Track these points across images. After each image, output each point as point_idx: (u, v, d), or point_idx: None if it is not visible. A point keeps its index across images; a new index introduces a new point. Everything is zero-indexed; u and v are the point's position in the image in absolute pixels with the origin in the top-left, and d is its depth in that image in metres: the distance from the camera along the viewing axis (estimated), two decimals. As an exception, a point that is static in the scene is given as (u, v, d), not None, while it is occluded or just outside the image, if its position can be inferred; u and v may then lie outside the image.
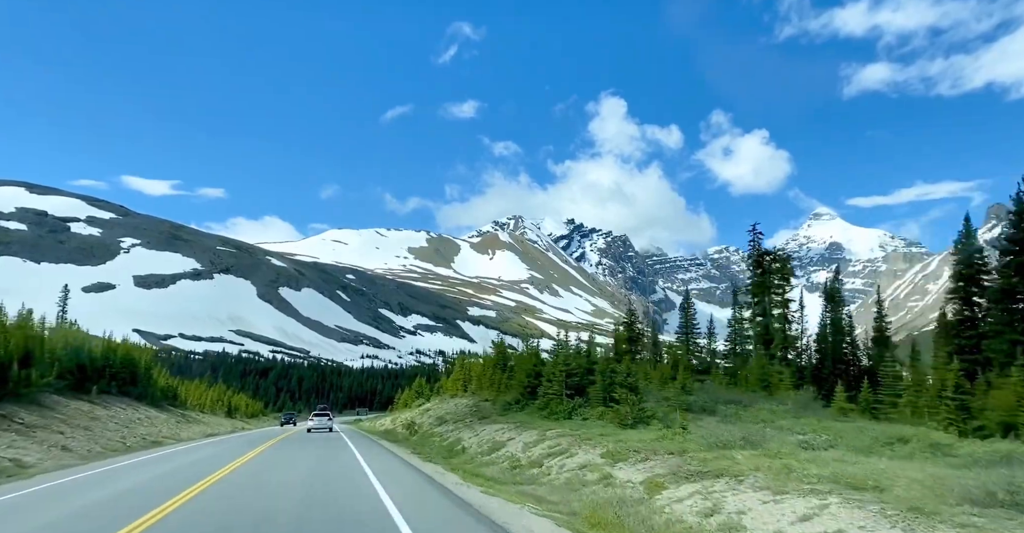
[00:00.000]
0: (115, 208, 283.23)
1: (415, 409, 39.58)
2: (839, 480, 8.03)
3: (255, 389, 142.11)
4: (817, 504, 7.15)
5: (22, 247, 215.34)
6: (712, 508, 8.10)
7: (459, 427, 23.02)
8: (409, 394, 55.08)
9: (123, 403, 32.18)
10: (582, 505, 9.54)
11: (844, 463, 9.37)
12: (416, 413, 33.98)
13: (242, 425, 49.13)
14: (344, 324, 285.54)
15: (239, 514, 9.07)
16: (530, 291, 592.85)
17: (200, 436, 32.40)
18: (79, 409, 24.85)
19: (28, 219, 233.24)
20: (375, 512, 9.17)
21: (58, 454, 17.88)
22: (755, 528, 7.26)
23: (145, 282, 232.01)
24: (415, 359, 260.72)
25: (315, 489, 11.72)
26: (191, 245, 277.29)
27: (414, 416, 32.15)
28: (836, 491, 7.62)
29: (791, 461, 9.54)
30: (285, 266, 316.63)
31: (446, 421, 25.33)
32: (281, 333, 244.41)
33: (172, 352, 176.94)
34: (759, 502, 7.80)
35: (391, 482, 12.66)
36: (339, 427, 47.58)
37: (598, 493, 10.31)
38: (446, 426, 24.47)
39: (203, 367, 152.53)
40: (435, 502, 10.53)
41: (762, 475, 8.82)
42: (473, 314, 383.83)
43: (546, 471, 12.83)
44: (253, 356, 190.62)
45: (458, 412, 26.41)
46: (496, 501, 10.31)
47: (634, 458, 11.56)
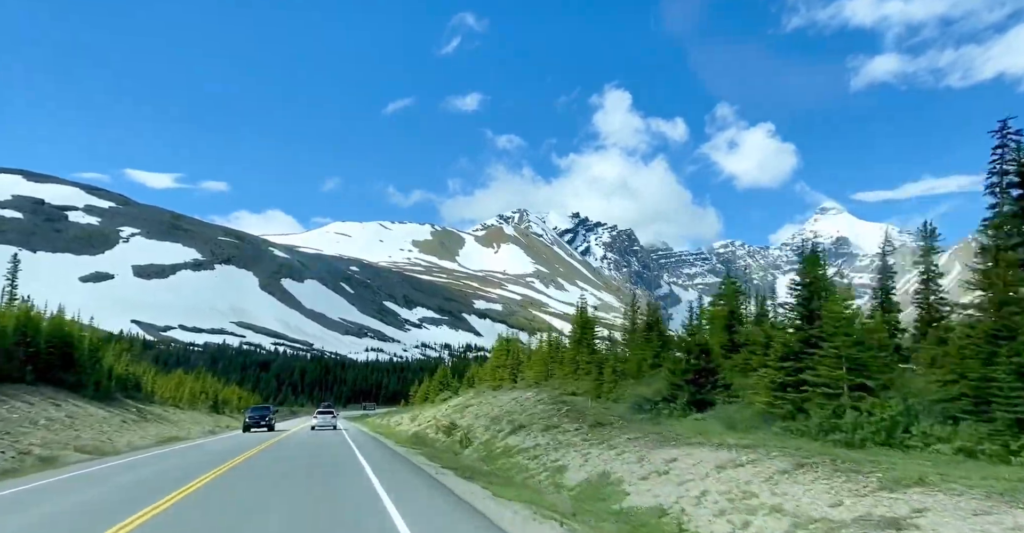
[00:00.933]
0: (115, 197, 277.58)
1: (441, 404, 32.45)
2: None
3: (255, 382, 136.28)
4: None
5: (18, 235, 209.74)
6: None
7: (556, 440, 14.31)
8: (430, 386, 48.07)
9: (42, 394, 25.29)
10: None
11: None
12: (450, 410, 26.60)
13: (228, 423, 42.28)
14: (348, 317, 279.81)
15: None
16: (535, 285, 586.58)
17: (150, 443, 23.63)
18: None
19: (25, 207, 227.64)
20: None
21: None
22: None
23: (144, 272, 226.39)
24: (420, 352, 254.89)
25: None
26: (192, 235, 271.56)
27: (450, 414, 25.28)
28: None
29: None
30: (288, 257, 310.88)
31: (522, 426, 16.52)
32: (283, 325, 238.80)
33: (171, 344, 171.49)
34: None
35: None
36: (344, 425, 41.37)
37: None
38: (527, 437, 15.60)
39: (202, 359, 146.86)
40: None
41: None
42: (479, 307, 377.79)
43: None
44: (255, 348, 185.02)
45: (532, 411, 17.85)
46: None
47: None
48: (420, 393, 55.60)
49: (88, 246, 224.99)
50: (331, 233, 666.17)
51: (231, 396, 59.69)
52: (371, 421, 56.07)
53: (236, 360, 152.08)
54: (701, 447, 9.94)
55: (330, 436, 27.02)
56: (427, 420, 26.78)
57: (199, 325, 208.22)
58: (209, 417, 43.41)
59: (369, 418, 64.53)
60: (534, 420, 16.26)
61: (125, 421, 27.41)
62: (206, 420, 38.78)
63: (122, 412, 29.33)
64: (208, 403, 46.83)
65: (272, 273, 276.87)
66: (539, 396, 20.07)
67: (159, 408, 34.86)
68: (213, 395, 48.00)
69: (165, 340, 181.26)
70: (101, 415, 26.58)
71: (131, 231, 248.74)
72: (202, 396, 46.03)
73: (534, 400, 19.26)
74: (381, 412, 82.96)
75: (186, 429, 31.60)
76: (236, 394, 64.86)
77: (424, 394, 51.94)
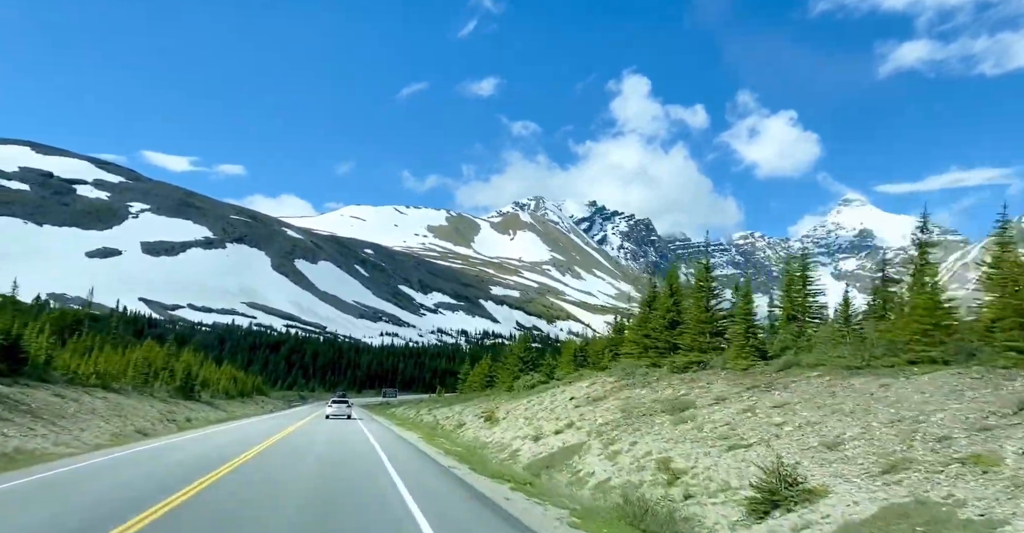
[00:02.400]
0: (125, 172, 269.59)
1: (534, 396, 19.31)
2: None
3: (264, 364, 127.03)
4: None
5: (23, 208, 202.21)
6: None
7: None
8: (498, 369, 35.79)
9: None
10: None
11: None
12: (601, 415, 14.03)
13: (186, 417, 28.69)
14: (362, 300, 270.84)
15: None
16: (552, 273, 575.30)
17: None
18: None
19: (32, 179, 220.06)
20: None
21: None
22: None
23: (153, 249, 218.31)
24: (436, 338, 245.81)
25: None
26: (203, 213, 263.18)
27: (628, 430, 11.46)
28: None
29: None
30: (301, 238, 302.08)
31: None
32: (296, 307, 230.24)
33: (178, 323, 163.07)
34: None
35: None
36: (368, 426, 29.57)
37: None
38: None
39: (209, 339, 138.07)
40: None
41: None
42: (496, 293, 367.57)
43: None
44: (265, 330, 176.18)
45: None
46: None
47: None
48: (476, 376, 42.77)
49: (96, 221, 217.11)
50: (345, 216, 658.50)
51: (219, 376, 48.13)
52: (397, 414, 45.06)
53: (245, 341, 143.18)
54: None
55: (352, 460, 15.58)
56: (559, 429, 14.28)
57: (208, 305, 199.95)
58: (163, 405, 29.63)
59: (392, 410, 53.36)
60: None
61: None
62: (151, 415, 25.15)
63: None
64: (175, 384, 34.45)
65: (285, 253, 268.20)
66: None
67: (73, 392, 22.84)
68: (191, 374, 35.88)
69: (173, 319, 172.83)
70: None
71: (141, 207, 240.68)
72: (165, 375, 34.35)
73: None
74: (408, 400, 71.42)
75: (94, 433, 18.13)
76: (229, 374, 53.33)
77: (483, 378, 39.56)
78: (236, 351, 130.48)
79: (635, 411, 13.12)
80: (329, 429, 38.12)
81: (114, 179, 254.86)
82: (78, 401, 21.01)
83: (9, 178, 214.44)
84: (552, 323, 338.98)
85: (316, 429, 24.18)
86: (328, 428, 24.94)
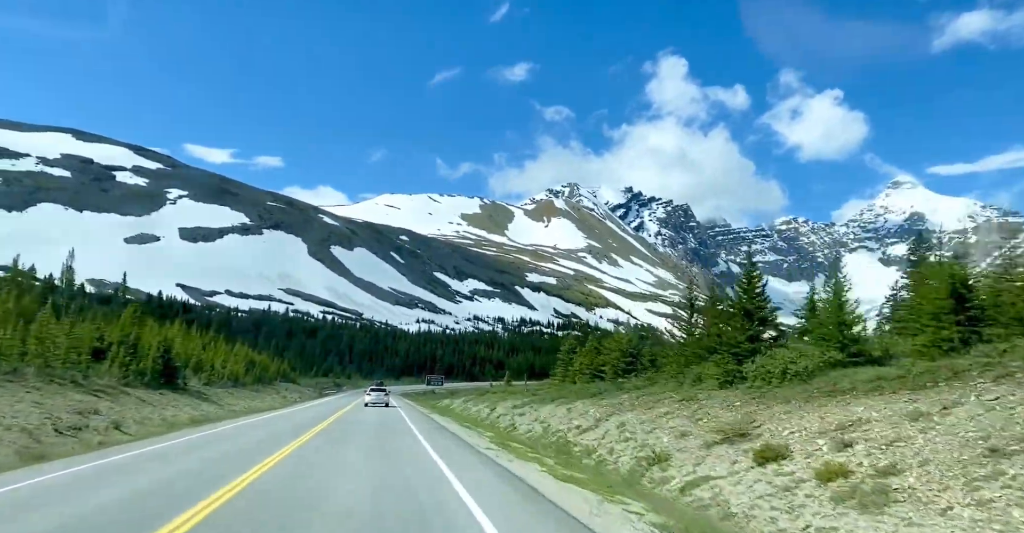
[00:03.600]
0: (163, 158, 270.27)
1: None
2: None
3: (300, 350, 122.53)
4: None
5: (64, 194, 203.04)
6: None
7: None
8: (607, 363, 24.34)
9: None
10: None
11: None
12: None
13: (115, 422, 17.45)
14: (398, 286, 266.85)
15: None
16: (588, 260, 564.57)
17: None
18: None
19: (73, 166, 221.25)
20: None
21: None
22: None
23: (191, 235, 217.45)
24: (473, 325, 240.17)
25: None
26: (240, 199, 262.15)
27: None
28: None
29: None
30: (337, 224, 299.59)
31: None
32: (332, 293, 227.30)
33: (215, 309, 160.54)
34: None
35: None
36: (438, 445, 20.17)
37: None
38: None
39: (245, 325, 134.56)
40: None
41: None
42: (532, 281, 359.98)
43: None
44: (302, 316, 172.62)
45: None
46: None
47: None
48: (580, 365, 27.74)
49: (135, 207, 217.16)
50: (380, 205, 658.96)
51: (221, 359, 38.34)
52: (456, 410, 35.93)
53: (281, 327, 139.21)
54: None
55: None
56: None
57: (246, 291, 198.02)
58: (86, 398, 19.76)
59: (445, 402, 43.24)
60: None
61: None
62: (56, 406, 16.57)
63: None
64: (138, 366, 24.74)
65: (321, 240, 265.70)
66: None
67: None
68: (160, 351, 25.65)
69: (210, 305, 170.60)
70: None
71: (178, 193, 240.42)
72: (118, 350, 24.10)
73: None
74: (460, 390, 62.36)
75: None
76: (241, 356, 44.93)
77: (587, 368, 26.35)
78: (271, 337, 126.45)
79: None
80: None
81: (152, 166, 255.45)
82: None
83: (51, 165, 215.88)
84: (591, 310, 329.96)
85: (335, 461, 12.47)
86: (362, 455, 13.59)
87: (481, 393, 41.96)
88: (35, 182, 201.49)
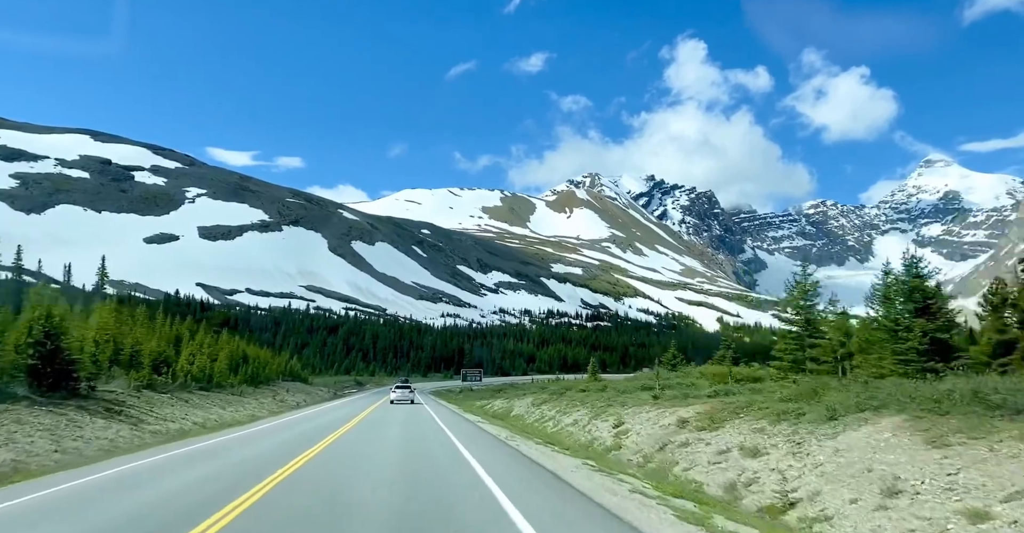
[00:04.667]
0: (180, 157, 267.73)
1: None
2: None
3: (321, 346, 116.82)
4: None
5: (83, 195, 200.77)
6: None
7: None
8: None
9: None
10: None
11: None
12: None
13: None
14: (421, 281, 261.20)
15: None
16: (612, 250, 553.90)
17: None
18: None
19: (91, 167, 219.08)
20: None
21: None
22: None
23: (210, 234, 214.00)
24: (499, 318, 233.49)
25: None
26: (259, 196, 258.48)
27: None
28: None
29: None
30: (357, 219, 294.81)
31: None
32: (354, 289, 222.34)
33: (236, 307, 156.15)
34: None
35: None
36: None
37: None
38: None
39: (265, 322, 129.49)
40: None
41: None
42: (558, 271, 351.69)
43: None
44: (324, 313, 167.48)
45: None
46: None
47: None
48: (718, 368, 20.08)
49: (153, 206, 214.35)
50: (401, 200, 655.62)
51: (186, 351, 29.21)
52: (527, 421, 24.27)
53: (303, 324, 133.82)
54: None
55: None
56: None
57: (267, 289, 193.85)
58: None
59: (508, 410, 30.07)
60: None
61: None
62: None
63: None
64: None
65: (342, 235, 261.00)
66: None
67: None
68: (42, 332, 15.98)
69: (230, 304, 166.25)
70: None
71: (197, 192, 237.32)
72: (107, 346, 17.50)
73: None
74: (508, 387, 52.86)
75: None
76: (231, 350, 36.41)
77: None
78: (290, 334, 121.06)
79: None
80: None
81: (170, 165, 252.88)
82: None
83: (70, 166, 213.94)
84: (619, 300, 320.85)
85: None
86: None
87: (559, 392, 28.15)
88: (53, 184, 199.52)
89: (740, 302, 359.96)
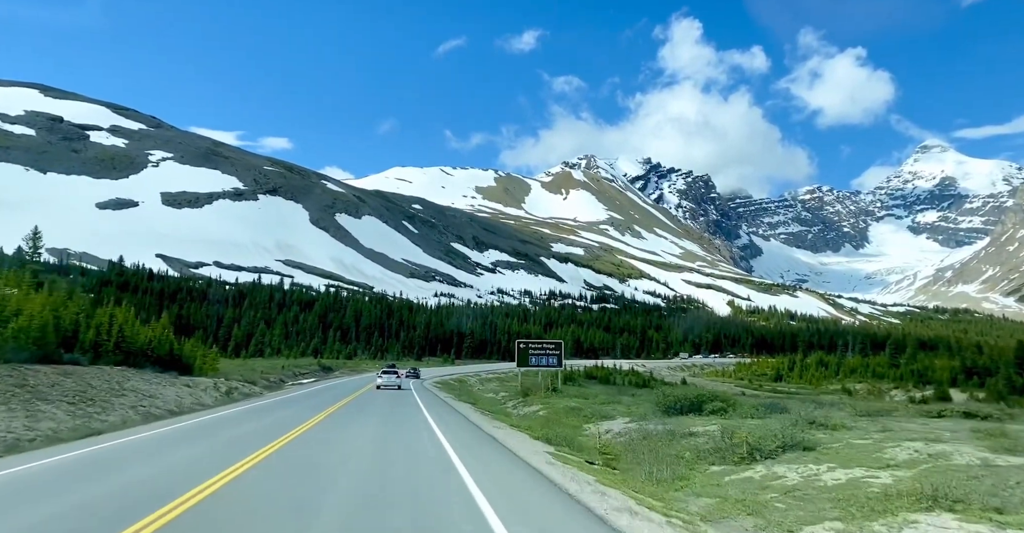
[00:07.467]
0: (145, 119, 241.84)
1: None
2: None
3: (292, 324, 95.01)
4: None
5: (25, 154, 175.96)
6: None
7: None
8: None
9: None
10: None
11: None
12: None
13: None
14: (412, 258, 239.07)
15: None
16: (610, 232, 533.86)
17: None
18: None
19: (38, 124, 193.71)
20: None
21: None
22: None
23: (175, 200, 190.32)
24: (497, 299, 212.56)
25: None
26: (232, 163, 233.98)
27: None
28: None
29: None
30: (343, 191, 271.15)
31: None
32: (339, 265, 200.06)
33: (195, 281, 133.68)
34: None
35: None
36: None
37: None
38: None
39: (225, 296, 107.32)
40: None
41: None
42: (559, 251, 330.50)
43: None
44: (303, 289, 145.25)
45: None
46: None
47: None
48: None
49: (109, 169, 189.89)
50: (391, 178, 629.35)
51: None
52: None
53: (274, 297, 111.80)
54: None
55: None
56: None
57: (238, 262, 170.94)
58: None
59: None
60: None
61: None
62: None
63: None
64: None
65: (325, 207, 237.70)
66: None
67: None
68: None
69: (193, 277, 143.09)
70: None
71: (162, 155, 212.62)
72: None
73: None
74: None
75: None
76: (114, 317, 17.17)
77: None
78: (257, 308, 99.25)
79: None
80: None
81: (133, 126, 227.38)
82: None
83: (13, 122, 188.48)
84: (624, 282, 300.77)
85: None
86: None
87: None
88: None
89: (749, 285, 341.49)
